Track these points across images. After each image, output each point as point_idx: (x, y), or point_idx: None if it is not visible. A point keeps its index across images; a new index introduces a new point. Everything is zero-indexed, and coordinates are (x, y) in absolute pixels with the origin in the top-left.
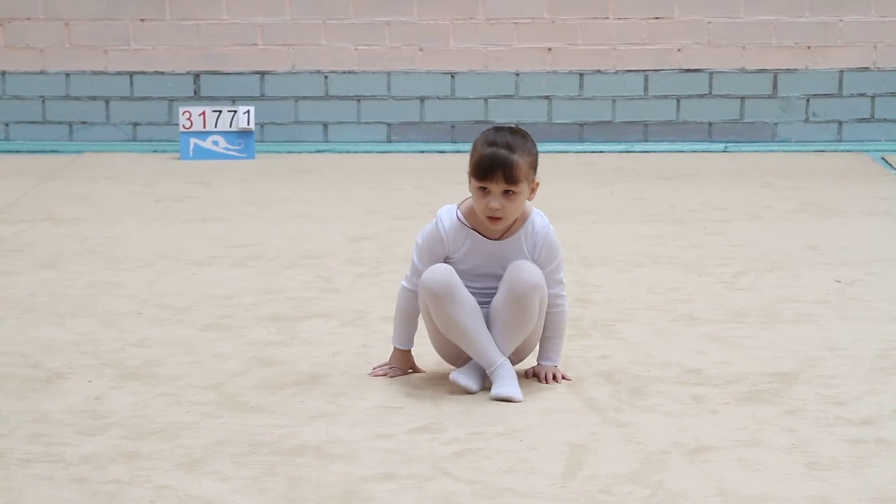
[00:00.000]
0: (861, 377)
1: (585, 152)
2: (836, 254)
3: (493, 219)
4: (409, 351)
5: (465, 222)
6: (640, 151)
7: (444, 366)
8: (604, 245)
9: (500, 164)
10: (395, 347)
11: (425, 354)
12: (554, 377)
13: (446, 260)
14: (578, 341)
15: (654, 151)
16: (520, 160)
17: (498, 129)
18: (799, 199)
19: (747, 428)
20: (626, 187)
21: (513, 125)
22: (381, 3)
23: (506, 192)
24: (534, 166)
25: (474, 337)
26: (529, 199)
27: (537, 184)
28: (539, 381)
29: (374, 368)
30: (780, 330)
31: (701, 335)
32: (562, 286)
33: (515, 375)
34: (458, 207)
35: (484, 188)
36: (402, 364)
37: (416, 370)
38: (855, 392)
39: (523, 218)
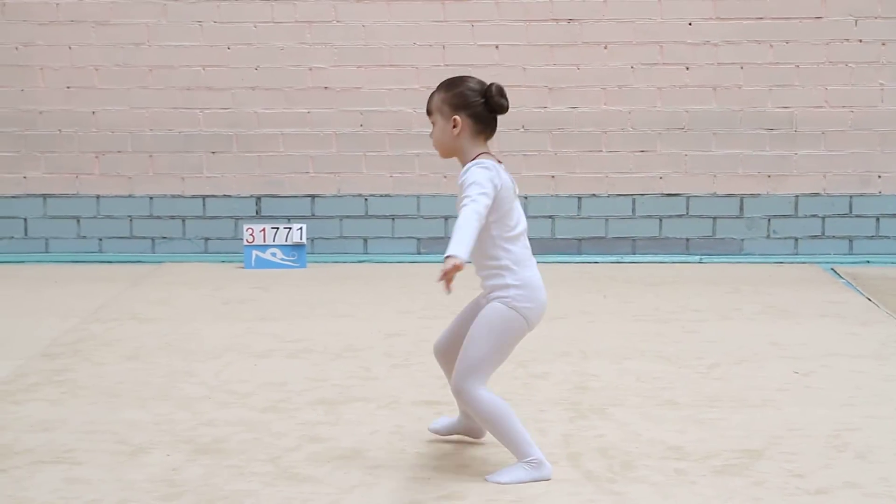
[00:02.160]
0: (817, 453)
1: (583, 263)
2: (793, 349)
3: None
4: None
5: None
6: (629, 262)
7: (466, 447)
8: (599, 341)
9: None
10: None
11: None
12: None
13: None
14: (578, 422)
15: (641, 262)
16: (435, 95)
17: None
18: (762, 303)
19: (721, 497)
20: (618, 292)
21: (469, 75)
22: (412, 138)
23: (433, 124)
24: (449, 102)
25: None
26: (455, 134)
27: (455, 120)
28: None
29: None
30: (748, 413)
31: (681, 417)
32: (472, 198)
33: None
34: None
35: None
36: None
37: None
38: (811, 466)
39: (467, 161)
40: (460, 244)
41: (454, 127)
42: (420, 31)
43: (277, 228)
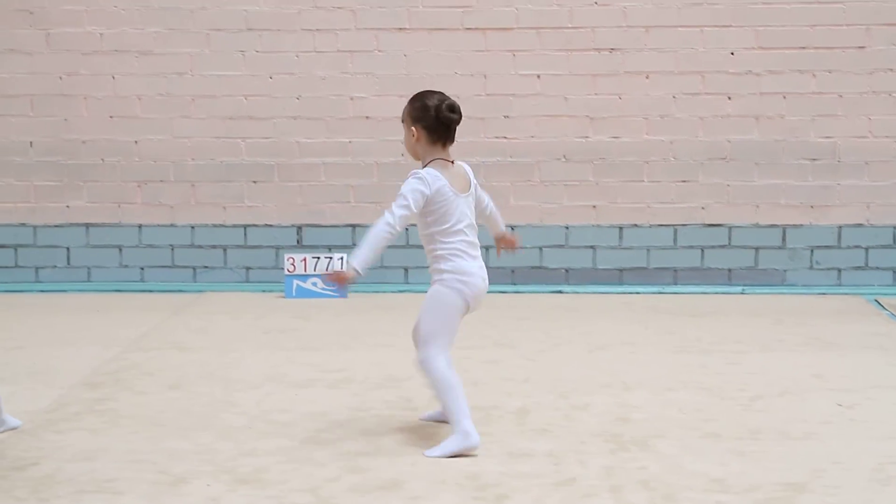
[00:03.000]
0: (860, 487)
1: (625, 293)
2: (837, 381)
3: None
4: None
5: None
6: (670, 293)
7: (510, 479)
8: (641, 372)
9: None
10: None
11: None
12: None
13: None
14: (619, 454)
15: (683, 293)
16: (406, 106)
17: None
18: (805, 335)
19: None
20: (659, 323)
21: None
22: None
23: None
24: (410, 114)
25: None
26: (414, 142)
27: (413, 130)
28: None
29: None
30: (791, 446)
31: (724, 450)
32: (392, 212)
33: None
34: None
35: None
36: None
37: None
38: (855, 500)
39: (424, 164)
40: (363, 259)
41: (413, 136)
42: (461, 61)
43: (318, 258)
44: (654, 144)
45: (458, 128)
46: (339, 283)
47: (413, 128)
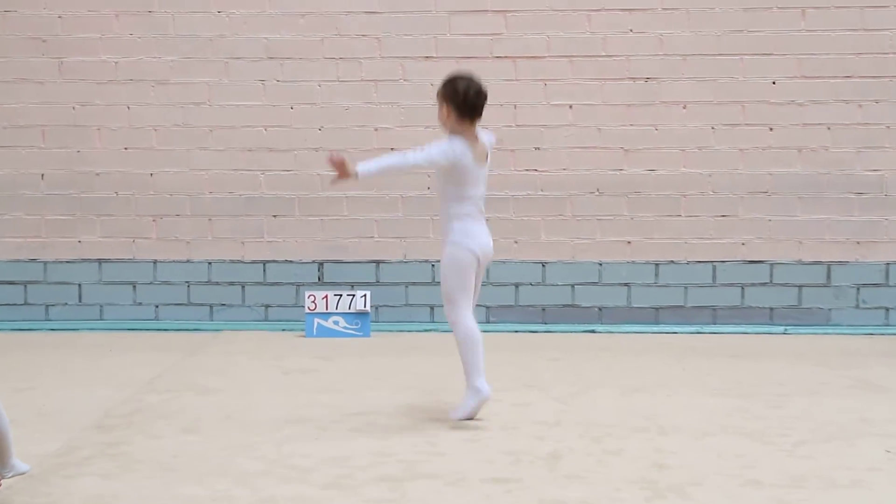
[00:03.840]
0: None
1: (661, 333)
2: (885, 426)
3: None
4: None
5: None
6: (709, 333)
7: None
8: (678, 415)
9: None
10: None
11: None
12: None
13: None
14: (655, 502)
15: (722, 333)
16: (439, 86)
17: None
18: (851, 377)
19: None
20: (697, 364)
21: (469, 75)
22: None
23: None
24: (442, 93)
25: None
26: (445, 117)
27: (445, 107)
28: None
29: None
30: (837, 494)
31: (765, 498)
32: (416, 153)
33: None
34: None
35: None
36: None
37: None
38: None
39: (451, 133)
40: (367, 167)
41: (445, 112)
42: (490, 90)
43: (340, 295)
44: (691, 177)
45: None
46: (338, 169)
47: (445, 105)
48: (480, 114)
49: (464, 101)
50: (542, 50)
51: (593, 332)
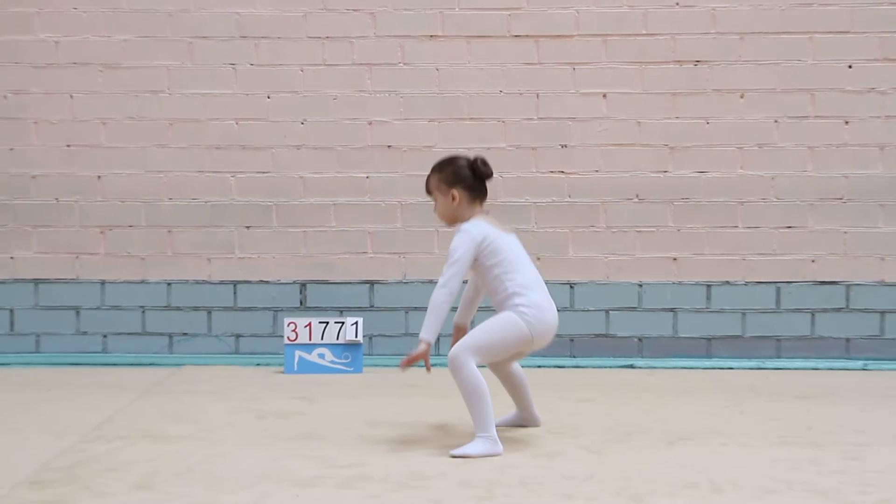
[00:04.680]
0: None
1: (713, 368)
2: None
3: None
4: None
5: None
6: (772, 368)
7: None
8: (734, 469)
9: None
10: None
11: None
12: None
13: None
14: None
15: (788, 368)
16: (430, 177)
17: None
18: None
19: None
20: (758, 407)
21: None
22: (497, 209)
23: (434, 200)
24: (445, 181)
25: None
26: (455, 205)
27: (453, 193)
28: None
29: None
30: None
31: None
32: (443, 274)
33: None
34: None
35: None
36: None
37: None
38: None
39: (461, 222)
40: (432, 329)
41: (453, 200)
42: (508, 76)
43: (327, 323)
44: (750, 181)
45: (503, 157)
46: (414, 362)
47: (452, 192)
48: (487, 190)
49: (474, 174)
50: (569, 27)
51: (632, 367)
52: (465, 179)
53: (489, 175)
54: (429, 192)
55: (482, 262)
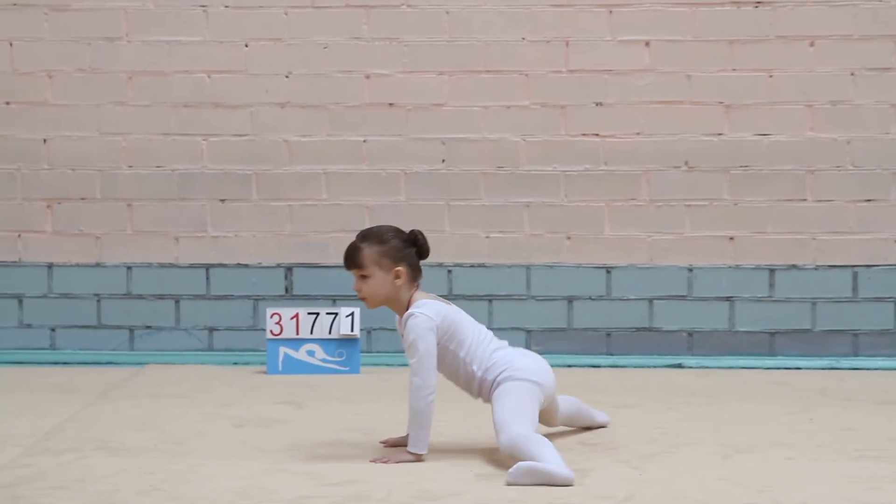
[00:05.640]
0: None
1: (777, 368)
2: None
3: (361, 299)
4: None
5: None
6: (847, 368)
7: None
8: (802, 488)
9: (347, 253)
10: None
11: None
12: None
13: None
14: None
15: (867, 368)
16: (365, 248)
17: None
18: None
19: None
20: (831, 414)
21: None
22: (518, 180)
23: (362, 276)
24: (386, 254)
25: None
26: (398, 284)
27: (398, 270)
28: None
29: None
30: None
31: None
32: (414, 373)
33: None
34: None
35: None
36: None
37: None
38: None
39: (409, 303)
40: (424, 441)
41: (397, 278)
42: (531, 21)
43: (317, 314)
44: (822, 145)
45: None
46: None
47: (397, 269)
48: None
49: (419, 251)
50: None
51: (680, 366)
52: (408, 257)
53: (428, 253)
54: (358, 265)
55: (445, 344)
